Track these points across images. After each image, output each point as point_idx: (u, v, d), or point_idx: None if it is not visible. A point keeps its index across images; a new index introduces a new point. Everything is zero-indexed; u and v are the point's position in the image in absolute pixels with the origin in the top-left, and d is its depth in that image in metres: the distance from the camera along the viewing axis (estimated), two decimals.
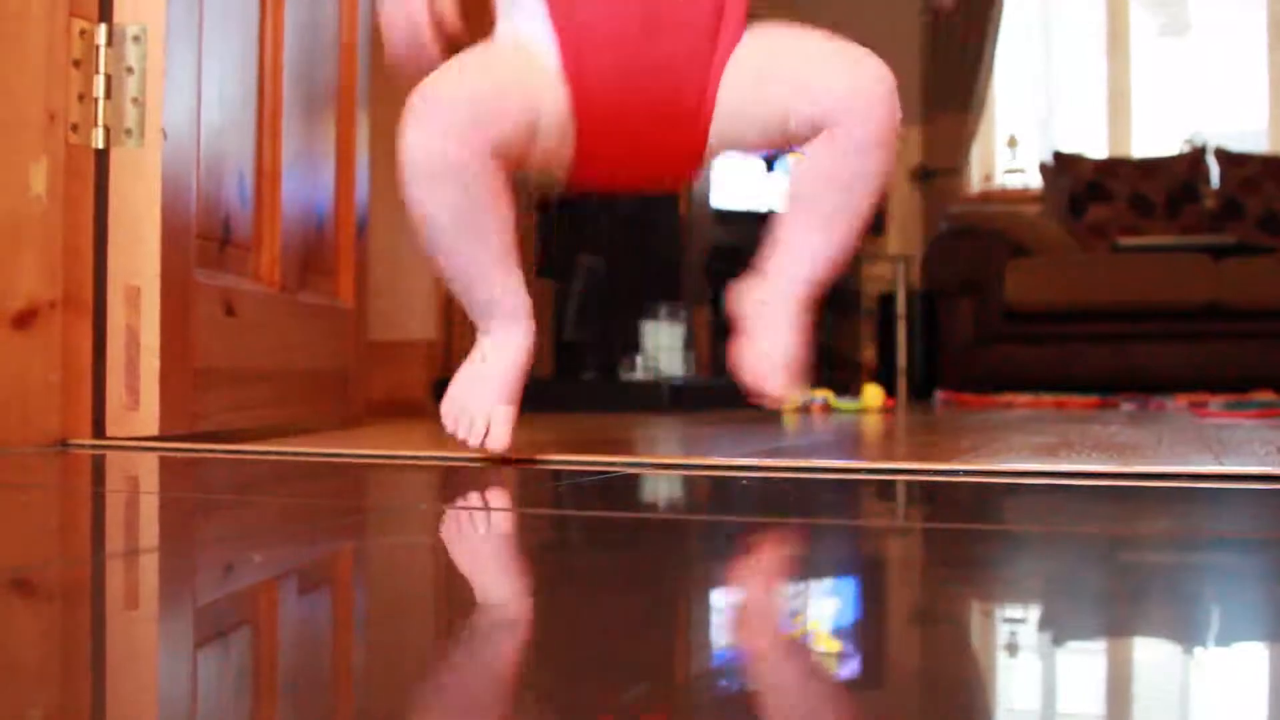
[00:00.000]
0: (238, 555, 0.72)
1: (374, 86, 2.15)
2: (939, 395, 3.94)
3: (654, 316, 3.20)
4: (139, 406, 1.51)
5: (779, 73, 1.22)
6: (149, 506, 1.01)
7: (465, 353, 3.47)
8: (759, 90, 1.22)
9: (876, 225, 5.06)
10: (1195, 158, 4.67)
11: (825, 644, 0.53)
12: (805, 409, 2.98)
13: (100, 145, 1.52)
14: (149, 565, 0.69)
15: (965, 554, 0.73)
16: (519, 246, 1.26)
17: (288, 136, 1.84)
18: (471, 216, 1.19)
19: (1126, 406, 3.18)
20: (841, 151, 1.18)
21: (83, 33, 1.51)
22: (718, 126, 1.24)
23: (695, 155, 1.27)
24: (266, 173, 1.81)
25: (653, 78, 1.21)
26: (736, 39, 1.23)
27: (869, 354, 4.84)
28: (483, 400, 1.25)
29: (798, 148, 1.23)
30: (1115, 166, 4.72)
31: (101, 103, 1.52)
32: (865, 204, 1.22)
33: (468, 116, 1.17)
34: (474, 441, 1.23)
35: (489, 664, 0.48)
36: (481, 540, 0.81)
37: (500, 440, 1.23)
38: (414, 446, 1.48)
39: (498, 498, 1.03)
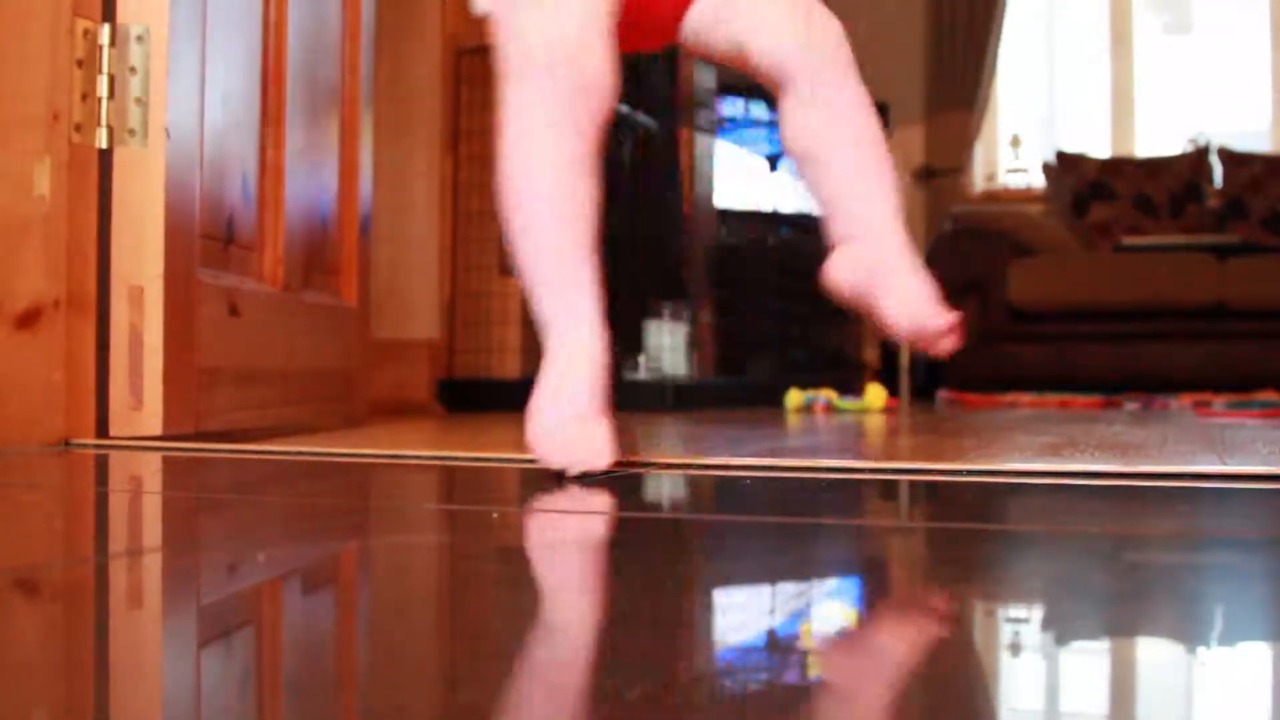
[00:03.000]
0: (241, 555, 0.72)
1: (377, 85, 2.15)
2: (942, 395, 3.94)
3: (657, 316, 3.20)
4: (142, 406, 1.51)
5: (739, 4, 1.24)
6: (152, 506, 1.01)
7: (467, 352, 3.46)
8: (722, 9, 1.23)
9: None
10: (1199, 157, 4.66)
11: (828, 643, 0.53)
12: (808, 409, 2.98)
13: (104, 145, 1.52)
14: (152, 565, 0.69)
15: (968, 554, 0.73)
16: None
17: (291, 136, 1.84)
18: (576, 176, 1.08)
19: (1130, 406, 3.18)
20: (820, 102, 1.22)
21: (86, 32, 1.51)
22: (691, 17, 1.25)
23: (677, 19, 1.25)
24: (270, 172, 1.81)
25: None
26: None
27: (872, 354, 4.84)
28: (575, 414, 1.08)
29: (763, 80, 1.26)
30: (1119, 166, 4.71)
31: (105, 102, 1.52)
32: (870, 123, 1.25)
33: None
34: (575, 470, 1.06)
35: (491, 663, 0.48)
36: (484, 540, 0.81)
37: (605, 458, 1.07)
38: (417, 446, 1.48)
39: (501, 497, 1.03)
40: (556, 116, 1.07)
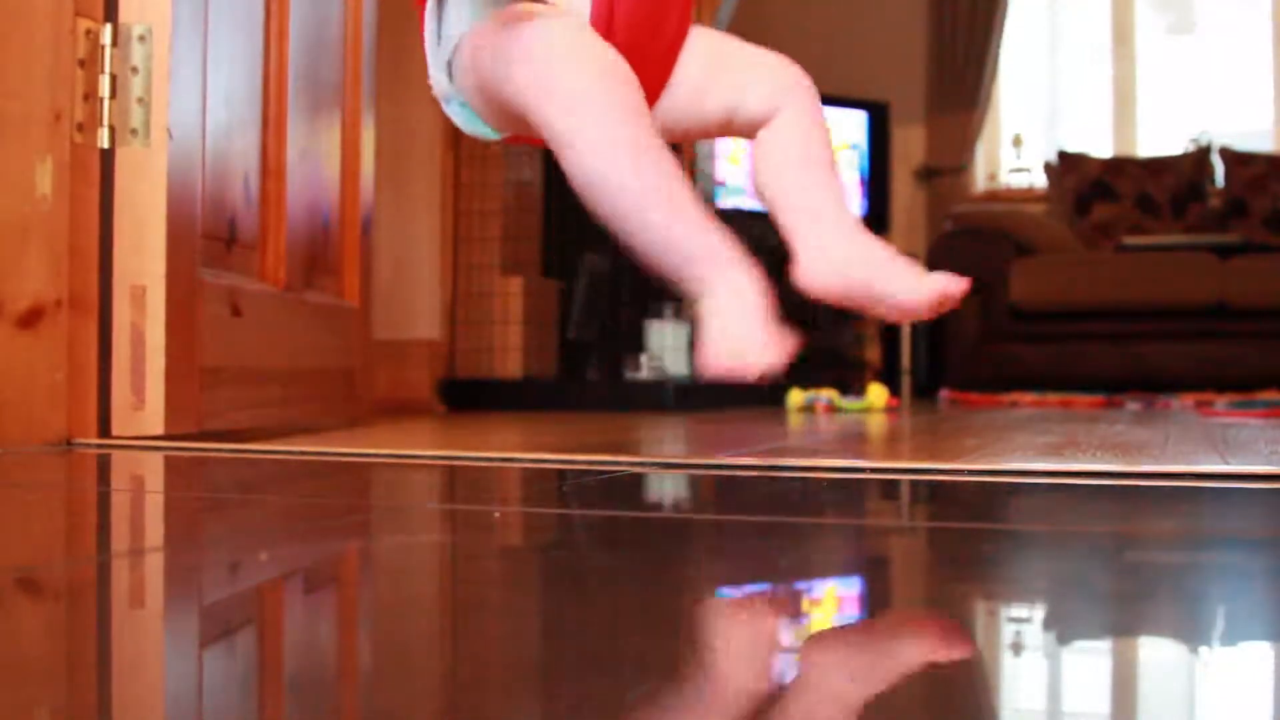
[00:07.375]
0: (243, 554, 0.72)
1: (379, 84, 2.15)
2: (944, 395, 3.94)
3: (659, 316, 3.20)
4: (145, 406, 1.51)
5: (728, 64, 1.24)
6: (154, 506, 1.01)
7: (469, 352, 3.44)
8: (709, 77, 1.23)
9: (880, 224, 5.06)
10: (1200, 157, 4.66)
11: (830, 643, 0.53)
12: (810, 409, 2.98)
13: (106, 145, 1.52)
14: (154, 564, 0.69)
15: (970, 553, 0.73)
16: (522, 248, 1.19)
17: (293, 135, 1.84)
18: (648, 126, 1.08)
19: (1132, 406, 3.18)
20: (805, 127, 1.24)
21: (88, 32, 1.51)
22: (670, 96, 1.23)
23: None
24: (272, 172, 1.81)
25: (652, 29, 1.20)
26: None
27: (873, 353, 4.84)
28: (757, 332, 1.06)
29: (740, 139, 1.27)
30: (1121, 165, 4.71)
31: (107, 102, 1.52)
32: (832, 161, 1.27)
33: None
34: (763, 361, 1.02)
35: (493, 663, 0.48)
36: (486, 539, 0.81)
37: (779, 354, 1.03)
38: (419, 445, 1.48)
39: (503, 497, 1.03)
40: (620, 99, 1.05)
